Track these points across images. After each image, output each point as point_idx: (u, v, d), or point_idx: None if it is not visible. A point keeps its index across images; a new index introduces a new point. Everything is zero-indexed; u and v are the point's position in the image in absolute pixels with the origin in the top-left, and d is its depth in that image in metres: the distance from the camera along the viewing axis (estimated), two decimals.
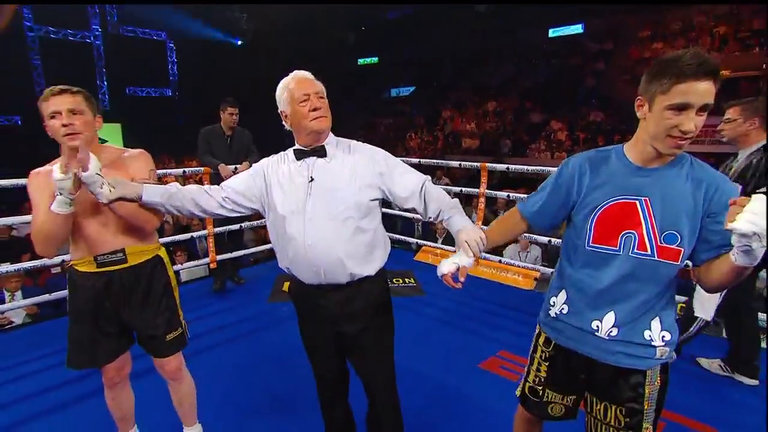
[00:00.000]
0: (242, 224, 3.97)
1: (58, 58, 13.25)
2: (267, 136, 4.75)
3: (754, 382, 2.46)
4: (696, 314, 2.43)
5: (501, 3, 13.03)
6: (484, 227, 3.72)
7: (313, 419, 1.86)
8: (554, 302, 1.31)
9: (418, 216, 1.52)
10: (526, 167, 3.57)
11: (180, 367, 1.78)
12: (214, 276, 3.90)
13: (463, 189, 3.96)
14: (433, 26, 17.36)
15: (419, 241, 4.60)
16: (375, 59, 21.17)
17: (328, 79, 1.51)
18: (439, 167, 8.13)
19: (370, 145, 1.54)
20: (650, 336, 1.18)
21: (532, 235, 4.08)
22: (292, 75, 1.47)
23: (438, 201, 1.44)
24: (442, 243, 4.92)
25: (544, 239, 3.65)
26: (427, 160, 4.59)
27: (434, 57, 18.38)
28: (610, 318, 1.19)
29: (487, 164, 3.63)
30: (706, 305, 2.39)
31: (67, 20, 13.48)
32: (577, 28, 16.17)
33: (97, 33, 14.00)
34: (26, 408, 2.24)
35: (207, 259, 3.82)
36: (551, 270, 3.83)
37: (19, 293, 3.67)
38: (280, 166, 1.50)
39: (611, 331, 1.19)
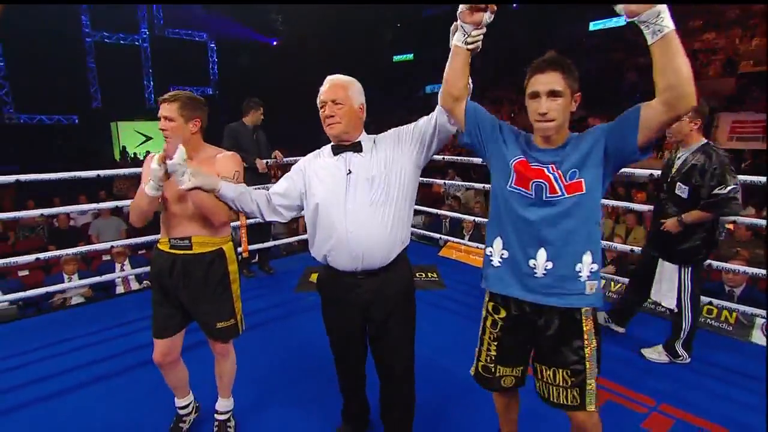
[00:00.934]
0: None
1: (110, 60, 14.19)
2: (302, 132, 4.95)
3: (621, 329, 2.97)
4: (664, 304, 2.61)
5: (530, 2, 12.68)
6: None
7: (330, 401, 2.02)
8: (491, 252, 1.45)
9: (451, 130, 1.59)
10: None
11: (229, 349, 1.98)
12: (242, 265, 4.16)
13: (486, 185, 4.00)
14: None
15: (444, 237, 4.68)
16: (410, 56, 21.19)
17: (363, 76, 1.62)
18: (451, 166, 8.08)
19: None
20: (580, 268, 1.33)
21: None
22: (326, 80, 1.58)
23: None
24: (469, 240, 4.98)
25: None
26: (452, 157, 4.66)
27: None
28: (542, 254, 1.35)
29: None
30: (667, 293, 2.55)
31: (119, 25, 14.38)
32: (620, 21, 15.55)
33: (144, 36, 14.84)
34: (86, 373, 2.52)
35: (240, 249, 4.08)
36: None
37: (75, 276, 4.06)
38: (317, 160, 1.65)
39: (546, 265, 1.34)
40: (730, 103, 10.26)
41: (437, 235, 4.83)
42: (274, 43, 13.18)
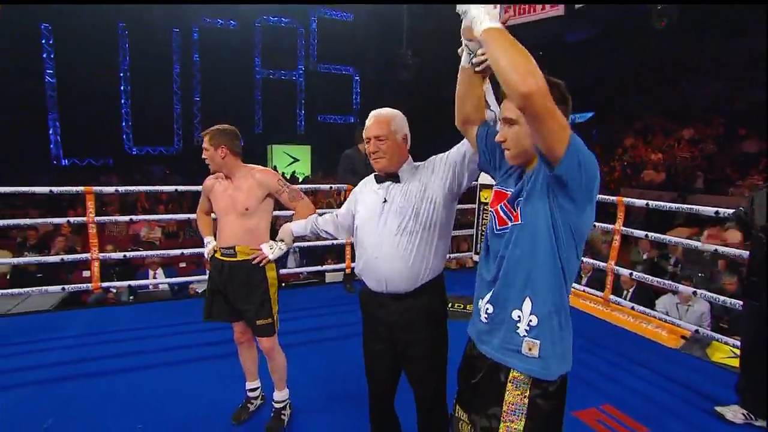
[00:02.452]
0: None
1: (271, 92, 16.80)
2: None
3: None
4: None
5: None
6: (621, 269, 3.34)
7: None
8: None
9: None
10: (671, 205, 3.10)
11: (272, 347, 2.20)
12: (345, 280, 4.49)
13: (598, 224, 3.63)
14: (616, 48, 15.85)
15: None
16: None
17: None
18: None
19: None
20: (519, 317, 1.15)
21: (697, 289, 3.36)
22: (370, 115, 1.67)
23: None
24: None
25: (712, 295, 3.05)
26: None
27: (617, 80, 16.68)
28: (487, 296, 1.23)
29: (624, 199, 3.28)
30: None
31: (281, 64, 16.94)
32: None
33: (301, 71, 17.17)
34: (196, 352, 3.06)
35: (343, 265, 4.41)
36: (715, 334, 3.14)
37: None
38: (366, 185, 1.77)
39: (487, 308, 1.22)
40: None
41: None
42: (404, 76, 14.02)
